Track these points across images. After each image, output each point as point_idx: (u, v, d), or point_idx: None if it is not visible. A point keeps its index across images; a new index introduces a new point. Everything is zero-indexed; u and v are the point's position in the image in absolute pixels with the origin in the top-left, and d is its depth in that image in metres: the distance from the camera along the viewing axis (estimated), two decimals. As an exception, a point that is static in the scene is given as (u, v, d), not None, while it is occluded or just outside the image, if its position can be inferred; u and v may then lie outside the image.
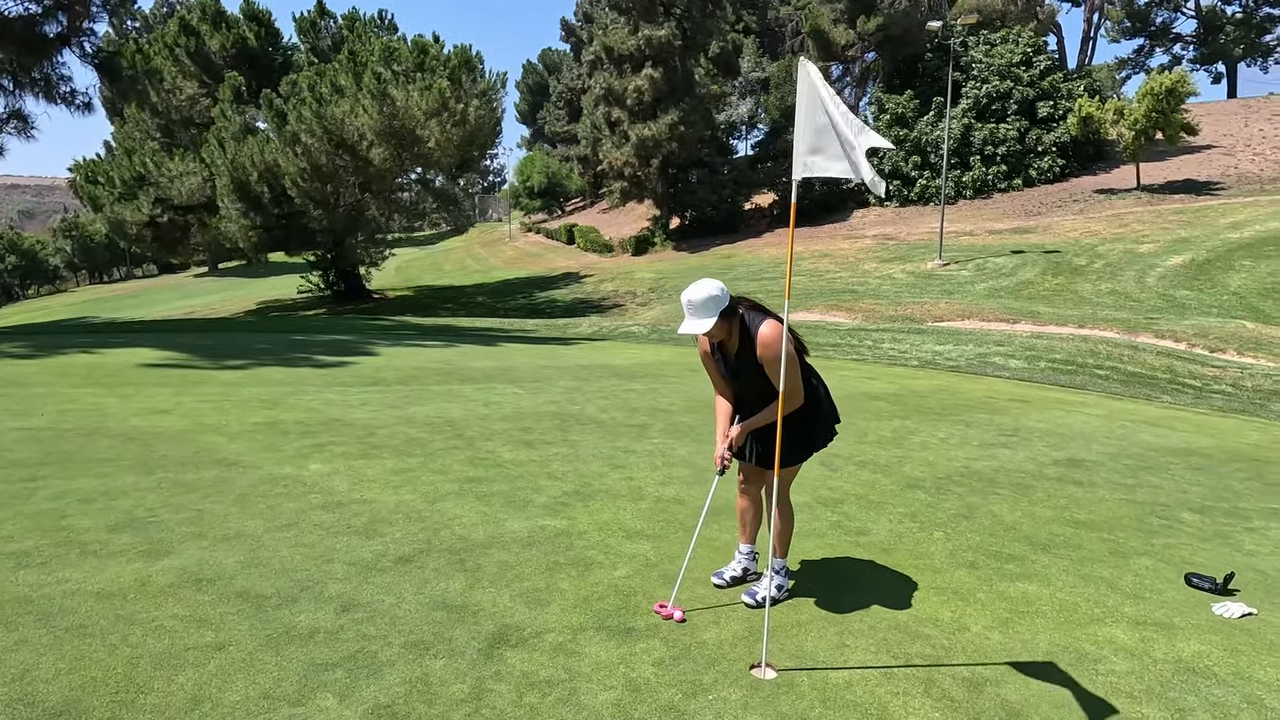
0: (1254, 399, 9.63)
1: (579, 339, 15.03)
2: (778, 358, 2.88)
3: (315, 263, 31.01)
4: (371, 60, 23.36)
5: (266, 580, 3.24)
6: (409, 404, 7.12)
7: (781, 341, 2.87)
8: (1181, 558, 3.87)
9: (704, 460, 5.47)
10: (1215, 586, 3.44)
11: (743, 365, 3.08)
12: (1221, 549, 4.02)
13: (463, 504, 4.34)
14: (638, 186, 39.57)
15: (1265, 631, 3.11)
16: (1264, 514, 4.62)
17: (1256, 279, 19.73)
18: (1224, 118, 36.31)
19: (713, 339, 3.09)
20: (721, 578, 3.43)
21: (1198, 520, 4.46)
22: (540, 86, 73.07)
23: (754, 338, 2.99)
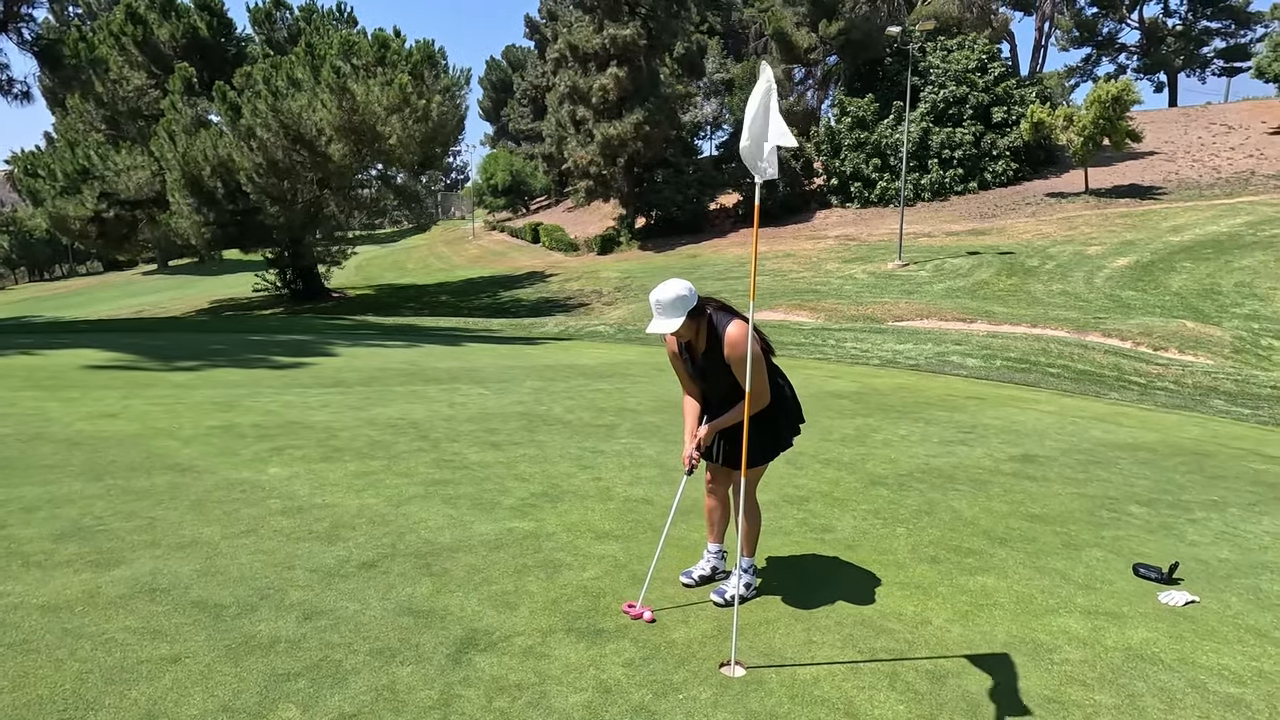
0: (1194, 395, 10.08)
1: (545, 339, 14.93)
2: (744, 358, 2.90)
3: (272, 260, 30.20)
4: (330, 54, 22.83)
5: (224, 589, 3.15)
6: (371, 405, 6.98)
7: (748, 341, 2.89)
8: (1130, 549, 4.03)
9: (672, 460, 5.49)
10: (1161, 576, 3.59)
11: (710, 365, 3.09)
12: (1166, 540, 4.20)
13: (428, 507, 4.28)
14: (603, 185, 39.49)
15: (1207, 618, 3.25)
16: (1205, 506, 4.84)
17: (1196, 280, 20.64)
18: (1165, 125, 37.87)
19: (680, 339, 3.10)
20: (690, 577, 3.45)
21: (1144, 513, 4.64)
22: (504, 83, 72.38)
23: (721, 337, 3.00)
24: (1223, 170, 31.73)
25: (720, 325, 3.01)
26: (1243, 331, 16.43)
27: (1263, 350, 15.35)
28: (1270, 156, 32.24)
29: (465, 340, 13.49)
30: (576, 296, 28.43)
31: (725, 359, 3.01)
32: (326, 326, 15.76)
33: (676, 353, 3.20)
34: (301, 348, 10.85)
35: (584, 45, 36.07)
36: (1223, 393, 10.49)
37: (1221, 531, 4.35)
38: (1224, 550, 4.05)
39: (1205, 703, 2.62)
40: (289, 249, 28.33)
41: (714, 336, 3.04)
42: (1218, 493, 5.14)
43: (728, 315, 3.03)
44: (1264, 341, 15.84)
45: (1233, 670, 2.83)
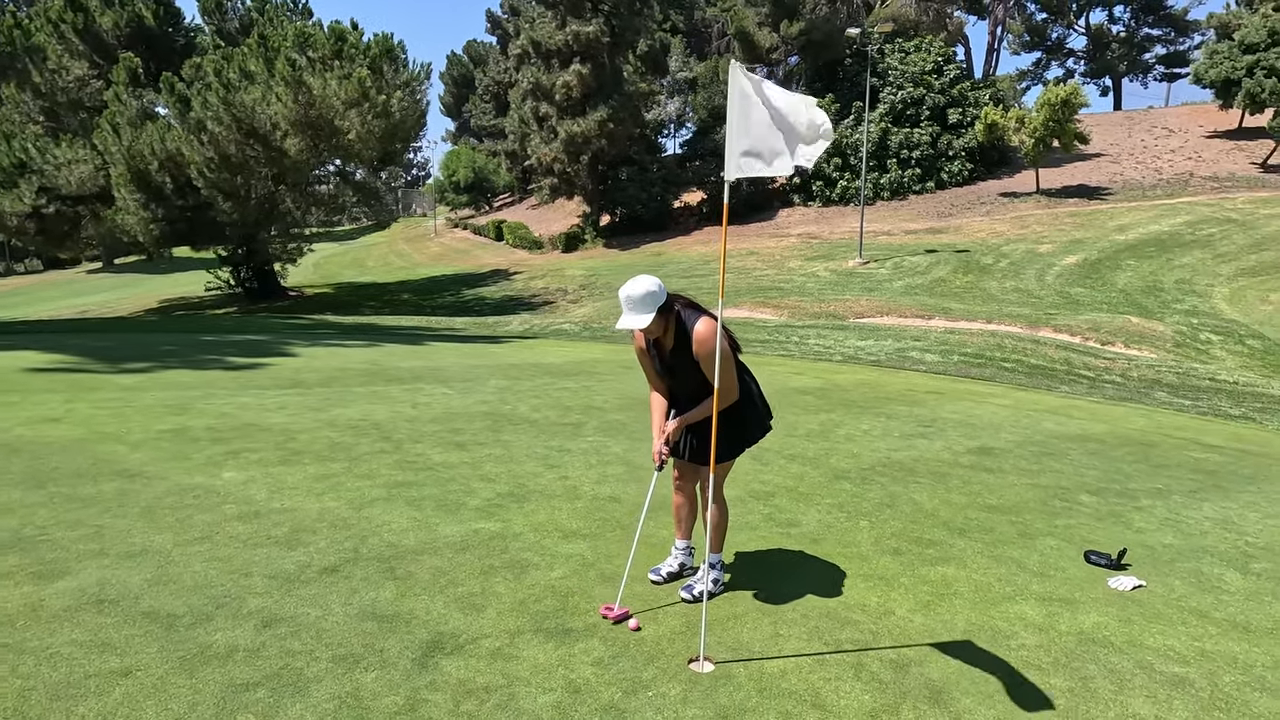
0: (1139, 388, 10.49)
1: (510, 337, 14.80)
2: (712, 354, 2.92)
3: (225, 258, 29.26)
4: (285, 46, 22.20)
5: (178, 598, 3.04)
6: (331, 406, 6.83)
7: (716, 338, 2.91)
8: (1081, 536, 4.17)
9: (639, 458, 5.49)
10: (1110, 562, 3.73)
11: (678, 361, 3.10)
12: (1115, 527, 4.36)
13: (392, 509, 4.21)
14: (567, 183, 39.29)
15: (1153, 601, 3.39)
16: (1150, 494, 5.04)
17: (1140, 277, 21.49)
18: (1111, 128, 39.29)
19: (649, 335, 3.09)
20: (659, 574, 3.46)
21: (1094, 501, 4.82)
22: (465, 79, 71.35)
23: (690, 334, 3.01)
24: (1164, 172, 33.08)
25: (689, 322, 3.02)
26: (1183, 326, 17.17)
27: (1201, 344, 16.06)
28: (1207, 159, 33.73)
29: (428, 339, 13.28)
30: (541, 295, 28.25)
31: (694, 356, 3.02)
32: (283, 326, 15.35)
33: (644, 349, 3.19)
34: (257, 348, 10.55)
35: (547, 41, 35.81)
36: (1166, 385, 10.94)
37: (1165, 518, 4.54)
38: (1168, 536, 4.23)
39: (1152, 683, 2.73)
40: (243, 246, 27.49)
41: (682, 333, 3.04)
42: (1162, 481, 5.36)
43: (696, 312, 3.05)
44: (1203, 336, 16.57)
45: (1177, 651, 2.96)
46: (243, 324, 16.20)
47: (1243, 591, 3.53)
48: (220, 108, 21.17)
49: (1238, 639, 3.07)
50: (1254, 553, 4.03)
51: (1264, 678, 2.79)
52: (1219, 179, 31.29)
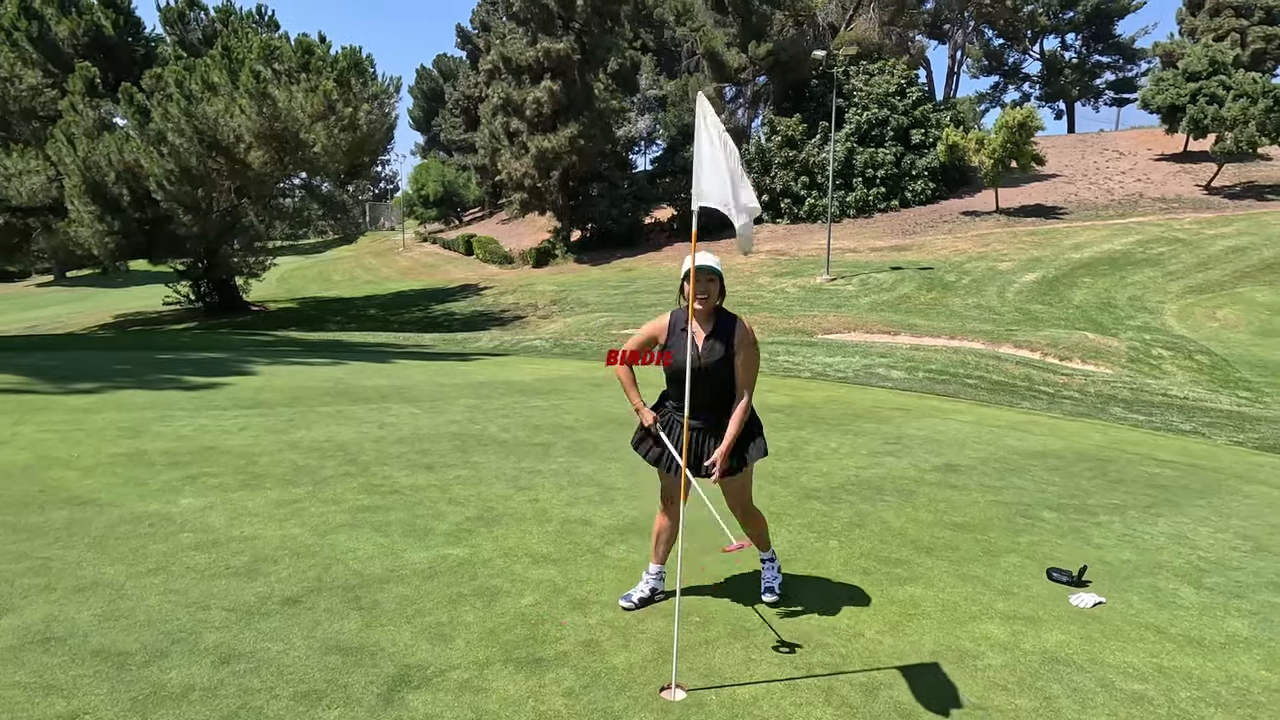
0: (1096, 403, 10.82)
1: (479, 354, 14.66)
2: (754, 345, 3.11)
3: (185, 271, 28.53)
4: (249, 57, 21.89)
5: (130, 634, 2.93)
6: (294, 428, 6.67)
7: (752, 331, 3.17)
8: (1043, 553, 4.26)
9: (610, 478, 5.47)
10: (1072, 579, 3.81)
11: (712, 347, 3.09)
12: (1075, 543, 4.47)
13: (357, 536, 4.11)
14: (538, 198, 39.28)
15: (1113, 618, 3.47)
16: (1108, 509, 5.18)
17: (1095, 294, 22.23)
18: (1065, 150, 40.75)
19: (706, 295, 3.06)
20: (630, 600, 3.43)
21: (1055, 518, 4.93)
22: (435, 93, 71.13)
23: (734, 323, 3.11)
24: (1115, 192, 34.38)
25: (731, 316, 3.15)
26: (1136, 342, 17.77)
27: (1153, 360, 16.64)
28: (1155, 180, 35.16)
29: (395, 357, 13.09)
30: (512, 310, 28.09)
31: (733, 345, 3.08)
32: (245, 343, 14.98)
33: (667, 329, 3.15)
34: (217, 366, 10.27)
35: (517, 58, 35.92)
36: (1120, 400, 11.30)
37: (1123, 534, 4.66)
38: (1126, 552, 4.34)
39: (1113, 700, 2.79)
40: (204, 260, 26.86)
41: (725, 321, 3.11)
42: (1119, 496, 5.51)
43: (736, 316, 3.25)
44: (1154, 351, 17.17)
45: (1136, 667, 3.03)
46: (202, 340, 15.78)
47: (1196, 606, 3.64)
48: (181, 119, 20.73)
49: (1193, 654, 3.16)
50: (1206, 567, 4.16)
51: (1218, 693, 2.87)
52: (1167, 200, 32.62)
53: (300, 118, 21.71)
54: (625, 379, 3.28)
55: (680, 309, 3.20)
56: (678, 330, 3.13)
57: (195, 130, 21.13)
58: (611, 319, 23.22)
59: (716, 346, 3.09)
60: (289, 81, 22.21)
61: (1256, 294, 21.41)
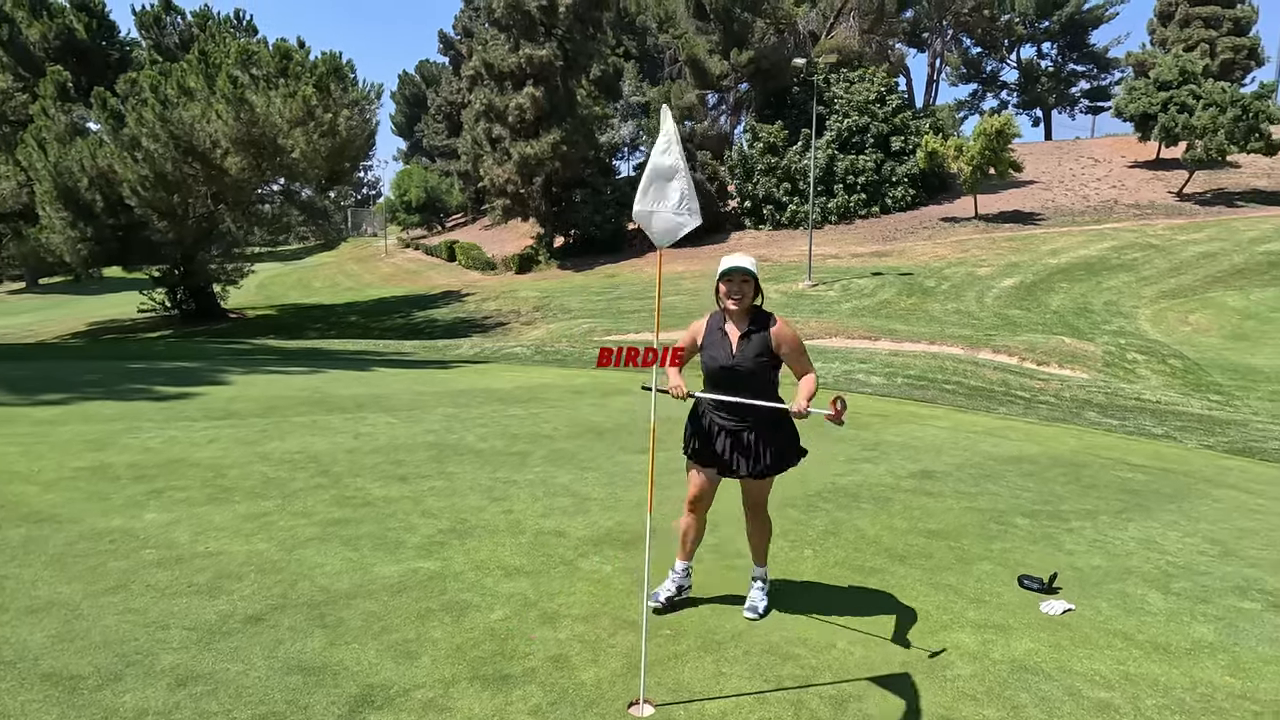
0: (1071, 408, 10.95)
1: (459, 362, 14.56)
2: (799, 346, 3.14)
3: (160, 278, 28.10)
4: (226, 62, 21.66)
5: (83, 657, 2.85)
6: (266, 439, 6.57)
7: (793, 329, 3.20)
8: (1015, 560, 4.29)
9: (585, 488, 5.43)
10: (1042, 586, 3.84)
11: (747, 345, 3.11)
12: (1047, 549, 4.50)
13: (325, 550, 4.04)
14: (520, 204, 39.21)
15: (1081, 625, 3.49)
16: (1080, 515, 5.23)
17: (1072, 299, 22.55)
18: (1042, 157, 41.39)
19: (740, 295, 3.09)
20: (658, 599, 3.44)
21: (1028, 524, 4.96)
22: (418, 98, 70.87)
23: (770, 322, 3.12)
24: (1091, 199, 34.96)
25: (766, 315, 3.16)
26: (1111, 346, 18.04)
27: (1128, 364, 16.90)
28: (1129, 187, 35.81)
29: (374, 364, 12.96)
30: (494, 316, 27.96)
31: (772, 343, 3.10)
32: (220, 351, 14.76)
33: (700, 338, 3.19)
34: (189, 376, 10.10)
35: (499, 64, 35.88)
36: (1095, 405, 11.45)
37: (1094, 540, 4.70)
38: (1096, 558, 4.38)
39: (1080, 709, 2.79)
40: (180, 267, 26.47)
41: (761, 320, 3.13)
42: (1091, 502, 5.57)
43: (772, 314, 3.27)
44: (1129, 356, 17.44)
45: (1103, 675, 3.04)
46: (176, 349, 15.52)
47: (1164, 612, 3.67)
48: (156, 124, 20.45)
49: (1159, 661, 3.18)
50: (1174, 572, 4.20)
51: (1183, 699, 2.89)
52: (1140, 206, 33.23)
53: (278, 123, 21.50)
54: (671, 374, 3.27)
55: (718, 311, 3.26)
56: (715, 330, 3.19)
57: (171, 135, 20.85)
58: (594, 325, 23.18)
59: (751, 345, 3.12)
60: (267, 87, 22.01)
61: (1227, 299, 21.84)
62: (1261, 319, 20.13)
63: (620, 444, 6.92)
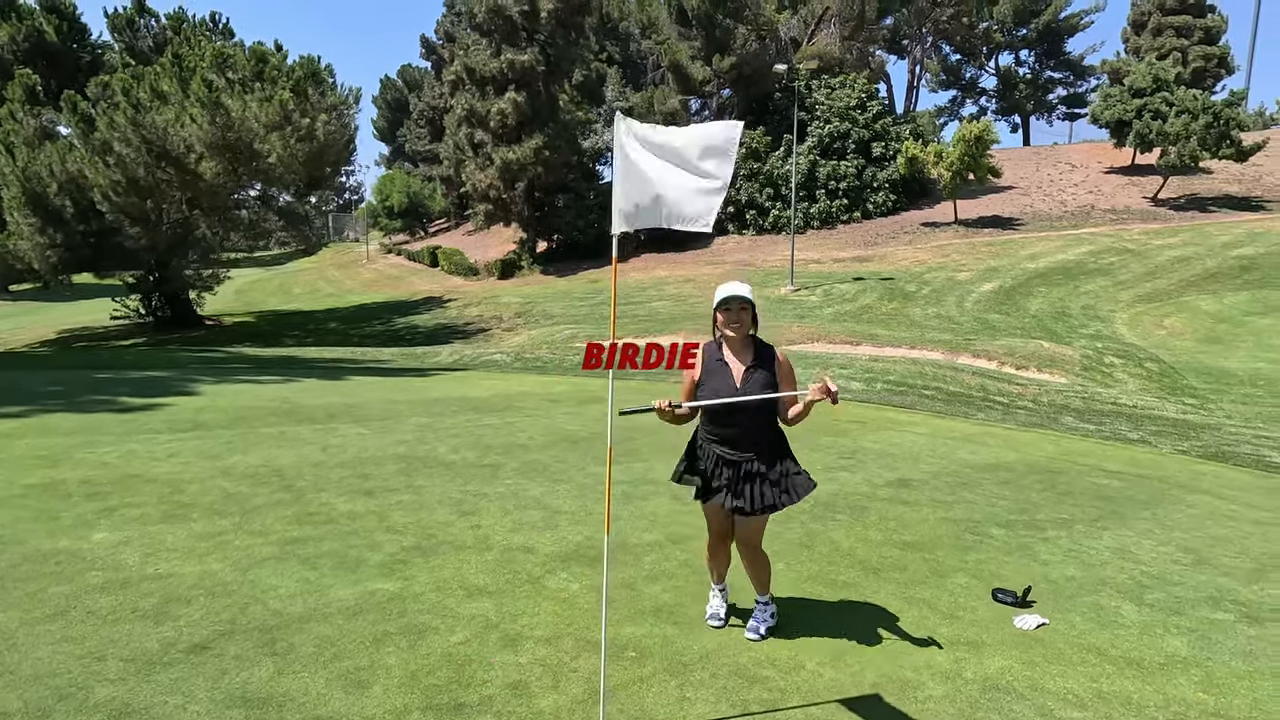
0: (1049, 413, 11.00)
1: (437, 369, 14.37)
2: (791, 373, 3.15)
3: (134, 285, 27.58)
4: (201, 66, 21.34)
5: (12, 691, 2.69)
6: (231, 452, 6.39)
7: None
8: (990, 572, 4.23)
9: (557, 501, 5.32)
10: (1016, 600, 3.78)
11: (752, 377, 3.05)
12: (1022, 560, 4.45)
13: (282, 571, 3.90)
14: (503, 209, 38.98)
15: (1055, 641, 3.43)
16: (1055, 524, 5.19)
17: (1050, 303, 22.76)
18: (1021, 163, 41.87)
19: (738, 323, 3.07)
20: (719, 619, 3.45)
21: (1004, 534, 4.92)
22: (400, 103, 70.41)
23: (773, 350, 3.13)
24: (1068, 204, 35.40)
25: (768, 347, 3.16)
26: (1089, 350, 18.21)
27: (1105, 368, 17.06)
28: (1105, 192, 36.30)
29: (350, 373, 12.74)
30: (476, 322, 27.74)
31: (776, 373, 3.07)
32: (192, 359, 14.46)
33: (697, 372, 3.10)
34: (156, 386, 9.86)
35: (481, 69, 35.71)
36: (1073, 410, 11.51)
37: (1069, 549, 4.66)
38: (1070, 568, 4.33)
39: (1052, 731, 2.73)
40: (154, 273, 25.99)
41: (765, 351, 3.12)
42: (1067, 510, 5.54)
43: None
44: (1106, 359, 17.61)
45: (1076, 694, 2.98)
46: (146, 358, 15.18)
47: (1137, 625, 3.62)
48: (128, 128, 20.08)
49: (1132, 677, 3.12)
50: (1148, 582, 4.16)
51: (1156, 718, 2.83)
52: (1116, 211, 33.69)
53: (255, 128, 21.20)
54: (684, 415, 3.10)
55: (713, 341, 3.21)
56: (713, 361, 3.11)
57: (143, 140, 20.48)
58: (576, 331, 23.05)
59: (757, 376, 3.04)
60: (243, 90, 21.70)
61: (1201, 302, 22.14)
62: (1234, 322, 20.43)
63: (594, 454, 6.81)
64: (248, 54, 22.48)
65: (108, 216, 21.41)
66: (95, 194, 21.02)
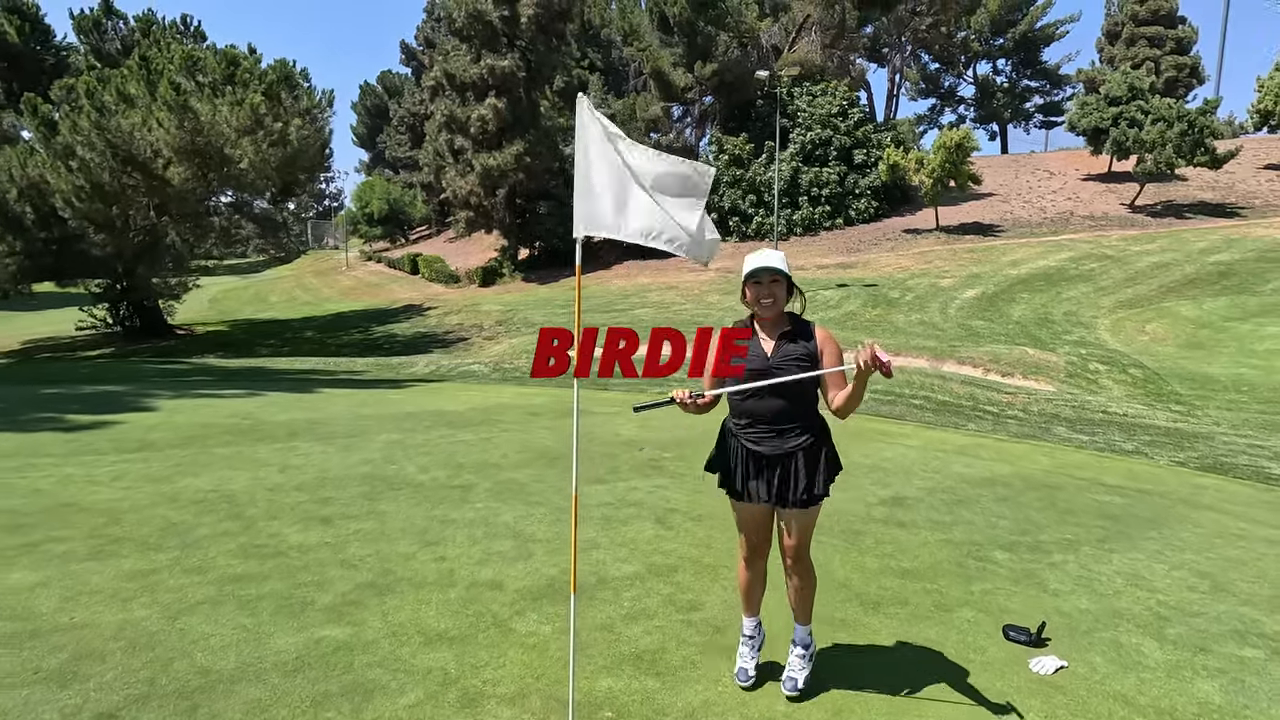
0: (1040, 423, 10.79)
1: (413, 380, 13.90)
2: (837, 345, 2.73)
3: (101, 294, 26.75)
4: (169, 68, 20.73)
5: None
6: (179, 475, 5.93)
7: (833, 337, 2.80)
8: (999, 605, 3.91)
9: (531, 527, 4.93)
10: (1030, 639, 3.45)
11: (785, 348, 2.73)
12: (1030, 590, 4.13)
13: (216, 617, 3.48)
14: (484, 216, 38.52)
15: (1076, 687, 3.11)
16: (1061, 546, 4.90)
17: (1033, 309, 22.75)
18: (1000, 170, 42.20)
19: (772, 298, 2.73)
20: (747, 676, 2.94)
21: (1008, 559, 4.61)
22: (379, 109, 69.74)
23: (810, 326, 2.78)
24: (1048, 211, 35.65)
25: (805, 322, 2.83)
26: (1073, 357, 18.14)
27: (1091, 374, 16.97)
28: (1084, 199, 36.63)
29: (320, 385, 12.24)
30: (456, 331, 27.23)
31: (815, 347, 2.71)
32: (155, 372, 13.85)
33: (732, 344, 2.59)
34: (109, 401, 9.32)
35: (461, 75, 35.29)
36: (1064, 419, 11.32)
37: (1079, 576, 4.36)
38: (1083, 599, 4.03)
39: (1086, 804, 2.39)
40: (122, 281, 25.21)
41: (801, 325, 2.78)
42: (1070, 530, 5.25)
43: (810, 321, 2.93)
44: (1091, 366, 17.53)
45: (1108, 754, 2.65)
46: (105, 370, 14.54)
47: (1163, 666, 3.31)
48: (92, 132, 19.42)
49: (1166, 731, 2.81)
50: (1167, 614, 3.86)
51: (1199, 784, 2.51)
52: (1095, 218, 33.97)
53: (225, 132, 20.62)
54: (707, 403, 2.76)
55: (743, 320, 2.88)
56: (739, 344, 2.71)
57: (108, 144, 19.81)
58: (558, 340, 22.65)
59: (791, 347, 2.69)
60: (213, 94, 21.12)
61: (1181, 308, 22.23)
62: (1215, 328, 20.50)
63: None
64: (218, 57, 21.91)
65: (71, 223, 20.69)
66: (57, 200, 20.30)
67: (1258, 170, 37.23)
